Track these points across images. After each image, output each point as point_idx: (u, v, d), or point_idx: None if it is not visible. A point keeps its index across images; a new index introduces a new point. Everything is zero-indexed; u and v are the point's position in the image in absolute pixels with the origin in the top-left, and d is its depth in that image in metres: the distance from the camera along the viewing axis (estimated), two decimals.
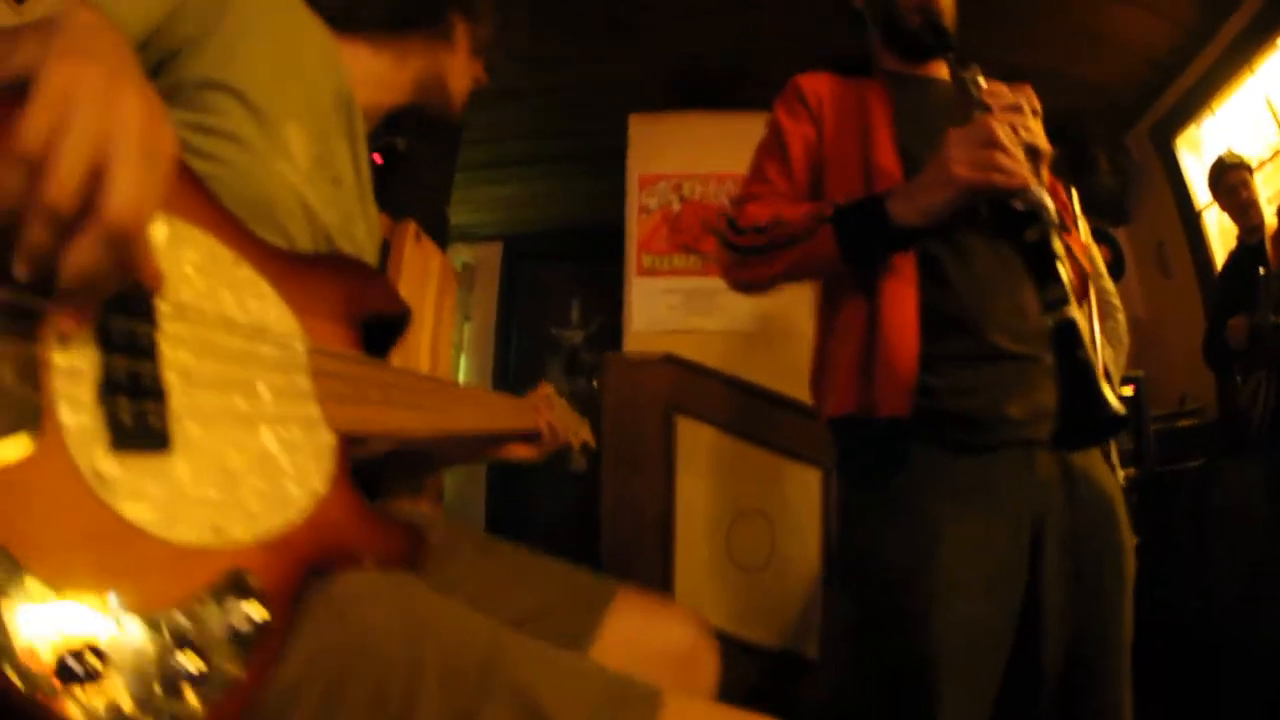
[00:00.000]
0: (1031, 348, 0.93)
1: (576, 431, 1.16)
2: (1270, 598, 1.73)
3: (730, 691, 0.76)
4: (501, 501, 3.66)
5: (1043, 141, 0.91)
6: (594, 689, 0.49)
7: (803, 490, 2.50)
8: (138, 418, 0.42)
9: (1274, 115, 2.55)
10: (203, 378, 0.49)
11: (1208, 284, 2.75)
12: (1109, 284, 1.97)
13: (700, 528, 2.52)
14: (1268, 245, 2.03)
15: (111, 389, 0.41)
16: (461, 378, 3.74)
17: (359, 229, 0.84)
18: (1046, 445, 0.91)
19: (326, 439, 0.59)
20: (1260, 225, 2.19)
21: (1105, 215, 2.18)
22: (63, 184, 0.35)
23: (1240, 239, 2.28)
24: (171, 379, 0.46)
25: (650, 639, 0.77)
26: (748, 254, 1.02)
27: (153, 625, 0.38)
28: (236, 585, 0.42)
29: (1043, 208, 0.83)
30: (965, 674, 0.87)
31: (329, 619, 0.46)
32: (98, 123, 0.37)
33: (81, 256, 0.37)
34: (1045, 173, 0.91)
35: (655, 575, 2.42)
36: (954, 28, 1.05)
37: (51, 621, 0.34)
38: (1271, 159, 2.48)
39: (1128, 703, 0.91)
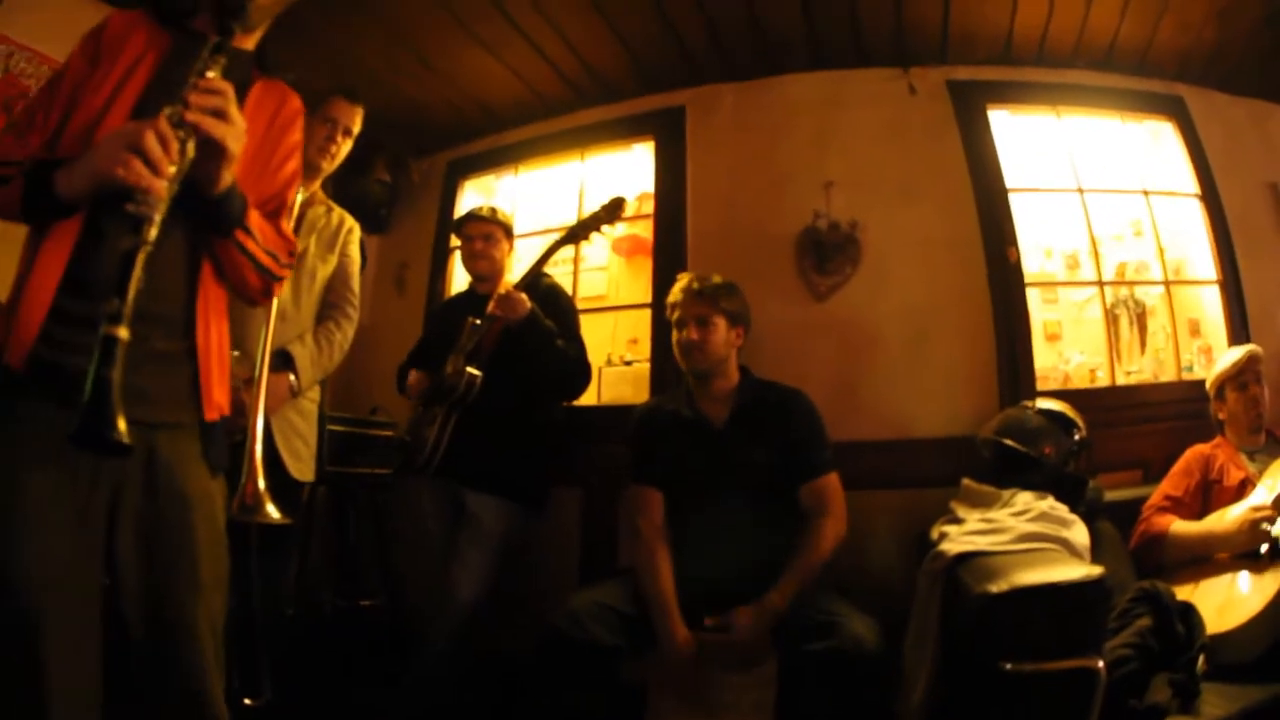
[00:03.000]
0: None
1: None
2: (422, 596, 2.05)
3: None
4: None
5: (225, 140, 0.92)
6: None
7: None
8: None
9: (581, 201, 2.91)
10: None
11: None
12: (357, 285, 2.02)
13: None
14: (491, 303, 2.06)
15: None
16: None
17: None
18: None
19: None
20: (490, 278, 2.25)
21: (363, 219, 2.16)
22: None
23: (472, 285, 2.33)
24: None
25: None
26: None
27: None
28: None
29: (147, 222, 0.84)
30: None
31: None
32: None
33: None
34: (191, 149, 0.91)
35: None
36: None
37: None
38: (559, 230, 2.48)
39: None
